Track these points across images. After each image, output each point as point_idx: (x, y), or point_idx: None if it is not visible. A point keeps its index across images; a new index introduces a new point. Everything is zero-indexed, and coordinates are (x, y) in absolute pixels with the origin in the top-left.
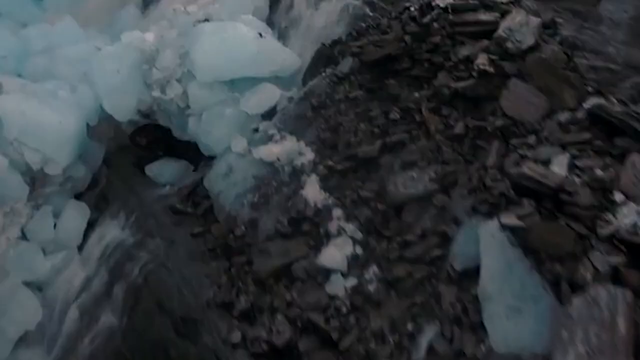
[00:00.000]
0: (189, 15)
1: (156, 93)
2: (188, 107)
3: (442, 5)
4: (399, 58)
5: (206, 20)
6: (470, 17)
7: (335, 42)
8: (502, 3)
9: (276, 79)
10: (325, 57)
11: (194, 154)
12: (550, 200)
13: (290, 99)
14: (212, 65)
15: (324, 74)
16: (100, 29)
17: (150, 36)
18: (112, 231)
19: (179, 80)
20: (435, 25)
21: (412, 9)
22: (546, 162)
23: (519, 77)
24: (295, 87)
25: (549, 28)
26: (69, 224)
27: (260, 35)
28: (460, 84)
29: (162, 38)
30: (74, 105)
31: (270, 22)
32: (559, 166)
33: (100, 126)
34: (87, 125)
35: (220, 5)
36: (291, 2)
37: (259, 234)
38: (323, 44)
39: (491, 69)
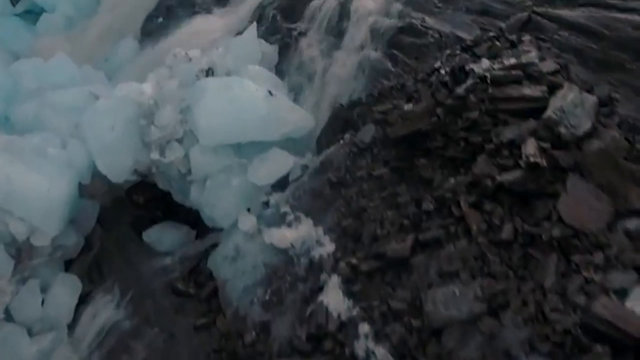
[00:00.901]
0: (190, 61)
1: (155, 155)
2: (190, 172)
3: (478, 71)
4: (430, 134)
5: (210, 69)
6: (513, 91)
7: (354, 103)
8: (549, 73)
9: (288, 141)
10: (342, 120)
11: (196, 218)
12: (632, 352)
13: (305, 167)
14: (216, 128)
15: (342, 142)
16: (96, 63)
17: (148, 87)
18: (106, 309)
19: (179, 141)
20: (472, 97)
21: (442, 71)
22: (621, 293)
23: (576, 172)
24: (309, 152)
25: (604, 106)
26: (58, 300)
27: (270, 93)
28: (506, 177)
29: (162, 90)
30: (65, 164)
31: (279, 72)
32: (638, 303)
33: (94, 182)
34: (80, 183)
35: (226, 51)
36: (302, 49)
37: (272, 344)
38: (340, 105)
39: (543, 162)
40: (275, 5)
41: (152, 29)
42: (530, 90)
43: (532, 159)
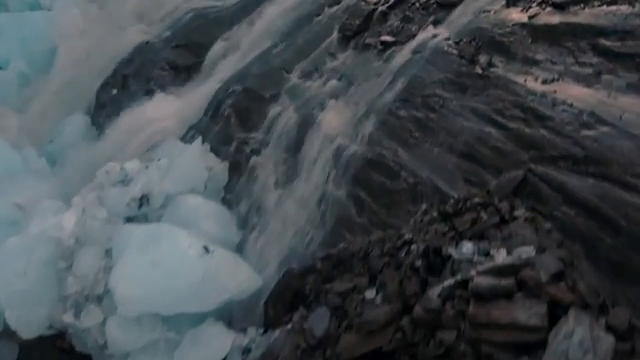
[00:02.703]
0: (123, 181)
1: (69, 317)
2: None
3: (459, 261)
4: (394, 356)
5: (144, 197)
6: (502, 313)
7: (308, 270)
8: (550, 281)
9: (229, 304)
10: (293, 290)
11: None
12: None
13: (246, 352)
14: (138, 297)
15: (290, 325)
16: (40, 143)
17: (69, 221)
18: None
19: (100, 298)
20: (449, 308)
21: (414, 247)
22: None
23: None
24: (253, 326)
25: (624, 340)
26: None
27: (207, 249)
28: None
29: (85, 226)
30: None
31: (228, 194)
32: None
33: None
34: None
35: (167, 172)
36: (256, 171)
37: None
38: (292, 269)
39: None
40: (231, 102)
41: (106, 101)
42: (524, 314)
43: None
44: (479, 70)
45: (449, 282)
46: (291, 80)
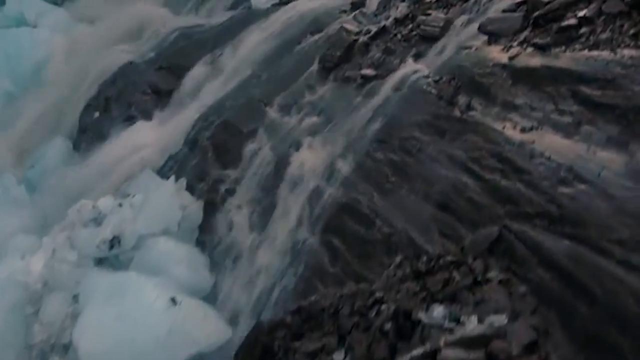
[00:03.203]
0: (95, 223)
1: None
2: None
3: (428, 326)
4: None
5: (115, 238)
6: None
7: (278, 325)
8: (521, 354)
9: (199, 357)
10: (261, 346)
11: None
12: None
13: None
14: (102, 351)
15: None
16: (21, 165)
17: (38, 264)
18: None
19: (66, 347)
20: None
21: (384, 307)
22: None
23: None
24: None
25: None
26: None
27: (174, 301)
28: None
29: (53, 269)
30: None
31: (202, 235)
32: None
33: None
34: None
35: (140, 210)
36: (230, 212)
37: None
38: (261, 324)
39: None
40: (210, 135)
41: (88, 124)
42: None
43: None
44: (458, 113)
45: (417, 351)
46: (270, 114)
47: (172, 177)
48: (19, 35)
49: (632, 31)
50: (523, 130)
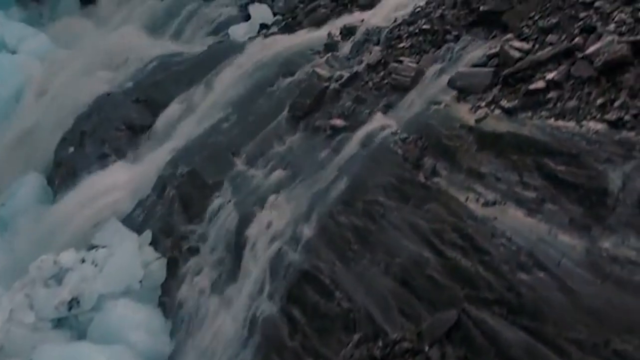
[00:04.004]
0: (56, 280)
1: None
2: None
3: None
4: None
5: (74, 300)
6: None
7: None
8: None
9: None
10: None
11: None
12: None
13: None
14: None
15: None
16: None
17: None
18: None
19: None
20: None
21: None
22: None
23: None
24: None
25: None
26: None
27: None
28: None
29: (9, 332)
30: None
31: (162, 302)
32: None
33: None
34: None
35: (103, 266)
36: (193, 273)
37: None
38: None
39: None
40: (177, 183)
41: (62, 159)
42: None
43: None
44: (422, 179)
45: None
46: (236, 165)
47: (136, 233)
48: None
49: (599, 101)
50: (486, 204)
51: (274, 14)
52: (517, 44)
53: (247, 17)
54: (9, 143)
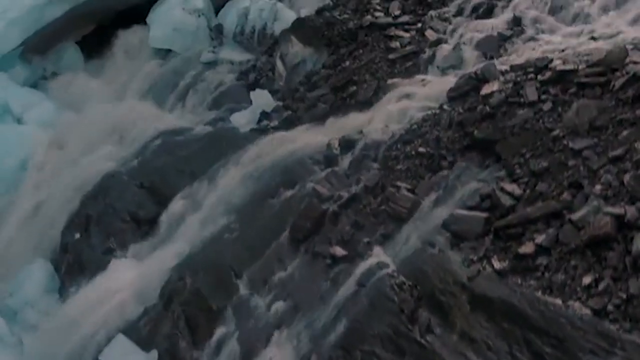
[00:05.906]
0: None
1: None
2: None
3: None
4: None
5: None
6: None
7: None
8: None
9: None
10: None
11: None
12: None
13: None
14: None
15: None
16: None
17: None
18: None
19: None
20: None
21: None
22: None
23: None
24: None
25: None
26: None
27: None
28: None
29: None
30: None
31: None
32: None
33: None
34: None
35: None
36: None
37: None
38: None
39: None
40: (183, 300)
41: (69, 245)
42: None
43: None
44: (418, 335)
45: None
46: (240, 289)
47: (142, 348)
48: (3, 132)
49: (584, 280)
50: None
51: (274, 95)
52: (508, 186)
53: (248, 87)
54: (16, 221)
